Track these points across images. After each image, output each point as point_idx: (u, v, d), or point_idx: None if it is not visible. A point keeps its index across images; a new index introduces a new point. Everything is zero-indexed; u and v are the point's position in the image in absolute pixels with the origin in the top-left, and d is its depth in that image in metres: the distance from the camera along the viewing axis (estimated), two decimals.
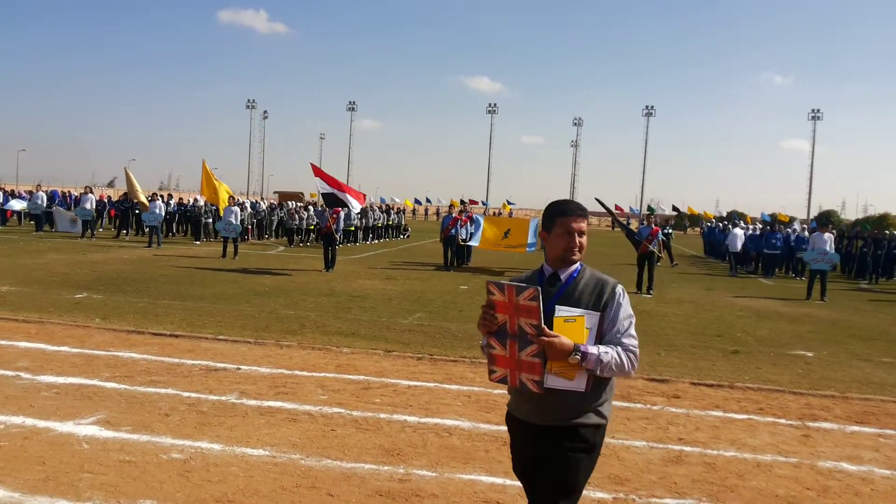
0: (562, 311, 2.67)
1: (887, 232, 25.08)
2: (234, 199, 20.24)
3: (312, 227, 27.33)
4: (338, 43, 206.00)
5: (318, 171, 16.93)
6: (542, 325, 2.58)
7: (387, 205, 41.86)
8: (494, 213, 54.09)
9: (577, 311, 2.68)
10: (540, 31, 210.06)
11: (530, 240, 19.86)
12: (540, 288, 2.59)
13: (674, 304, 13.95)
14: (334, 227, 17.33)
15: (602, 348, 2.64)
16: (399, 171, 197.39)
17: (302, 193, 59.32)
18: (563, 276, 2.81)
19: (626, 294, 2.78)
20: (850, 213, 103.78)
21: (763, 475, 4.83)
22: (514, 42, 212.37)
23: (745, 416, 6.20)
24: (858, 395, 7.18)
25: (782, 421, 6.14)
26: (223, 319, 9.76)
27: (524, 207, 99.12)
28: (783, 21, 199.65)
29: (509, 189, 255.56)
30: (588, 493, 4.35)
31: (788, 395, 7.02)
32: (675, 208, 44.18)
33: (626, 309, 2.76)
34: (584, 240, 2.81)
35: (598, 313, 2.70)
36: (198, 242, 25.26)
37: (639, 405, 6.40)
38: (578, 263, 2.84)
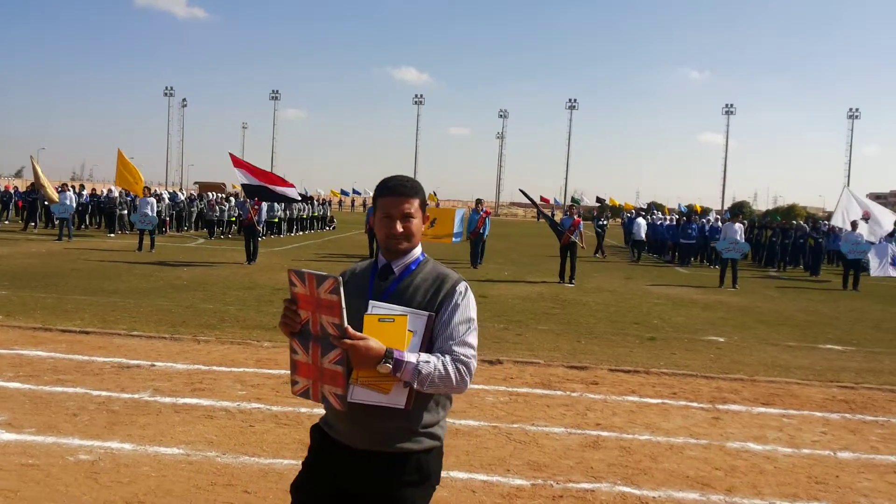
0: (377, 309, 2.20)
1: (794, 222, 26.40)
2: (148, 189, 19.50)
3: (233, 218, 26.70)
4: (260, 30, 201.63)
5: (237, 162, 16.51)
6: (346, 325, 2.11)
7: (309, 195, 41.22)
8: None
9: (397, 310, 2.21)
10: (465, 22, 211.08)
11: (456, 230, 19.95)
12: (341, 279, 2.11)
13: (594, 292, 14.29)
14: (256, 218, 16.97)
15: (424, 357, 2.16)
16: (326, 161, 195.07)
17: (224, 184, 57.95)
18: (396, 269, 2.35)
19: (469, 293, 2.32)
20: (762, 204, 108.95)
21: (675, 457, 5.00)
22: (440, 33, 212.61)
23: (659, 401, 6.41)
24: (765, 377, 7.52)
25: (694, 404, 6.37)
26: (137, 315, 9.41)
27: (452, 199, 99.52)
28: (700, 17, 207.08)
29: (437, 180, 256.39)
30: (507, 480, 4.41)
31: (700, 380, 7.29)
32: (598, 199, 45.26)
33: (465, 311, 2.28)
34: (411, 225, 2.33)
35: (429, 314, 2.24)
36: (112, 235, 24.30)
37: (559, 392, 6.53)
38: (420, 254, 2.39)
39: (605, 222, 25.47)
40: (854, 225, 18.32)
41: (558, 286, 15.09)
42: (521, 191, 20.31)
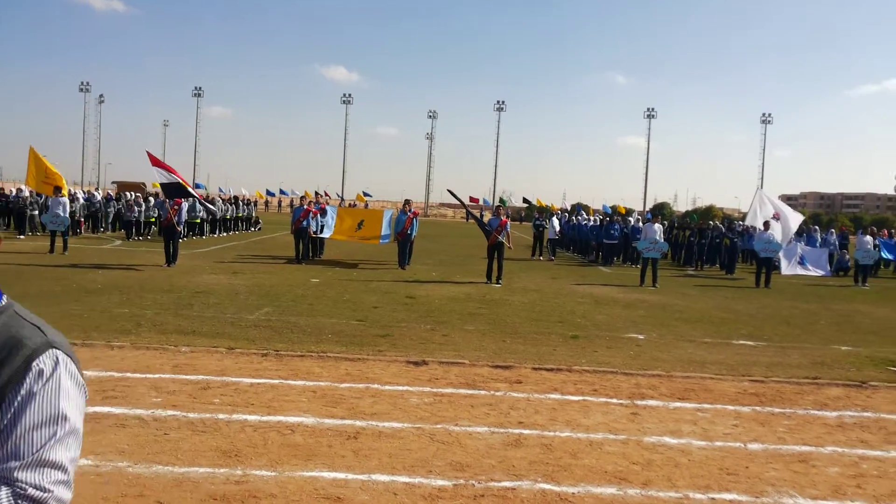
0: None
1: (711, 223, 27.39)
2: (59, 189, 18.63)
3: (153, 219, 25.81)
4: (183, 24, 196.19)
5: (155, 161, 16.00)
6: None
7: (234, 196, 40.27)
8: (350, 205, 53.69)
9: None
10: (395, 21, 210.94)
11: (384, 231, 19.83)
12: None
13: (520, 292, 14.47)
14: (176, 218, 16.44)
15: None
16: (251, 161, 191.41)
17: (143, 184, 56.06)
18: None
19: (59, 373, 1.41)
20: (682, 205, 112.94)
21: (594, 453, 5.09)
22: (369, 31, 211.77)
23: (580, 398, 6.53)
24: (682, 373, 7.77)
25: (614, 400, 6.51)
26: (47, 320, 8.80)
27: (381, 199, 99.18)
28: (626, 24, 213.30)
29: (366, 181, 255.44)
30: (429, 481, 4.40)
31: (620, 376, 7.47)
32: (525, 200, 45.75)
33: (46, 405, 1.36)
34: None
35: None
36: (22, 236, 23.11)
37: (483, 392, 6.56)
38: None
39: (542, 223, 25.79)
40: (766, 225, 19.15)
41: (485, 286, 15.21)
42: (449, 191, 20.40)
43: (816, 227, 29.23)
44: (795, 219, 21.76)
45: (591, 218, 29.93)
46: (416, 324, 10.02)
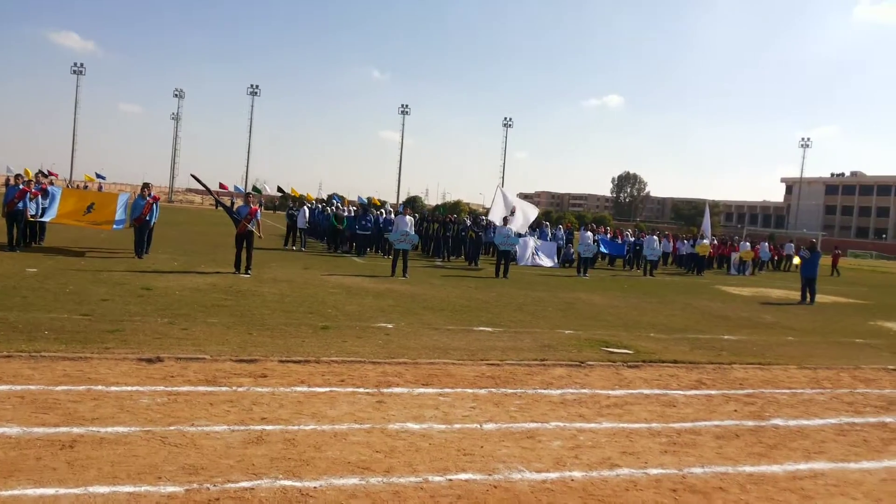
0: None
1: (455, 216, 28.95)
2: None
3: None
4: None
5: None
6: None
7: None
8: (78, 187, 48.43)
9: None
10: None
11: (118, 216, 18.08)
12: None
13: (270, 283, 14.03)
14: None
15: None
16: None
17: None
18: None
19: None
20: (433, 199, 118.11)
21: (339, 444, 5.04)
22: None
23: (327, 389, 6.45)
24: (426, 360, 8.03)
25: (360, 390, 6.53)
26: None
27: (119, 182, 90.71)
28: (382, 19, 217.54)
29: (102, 161, 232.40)
30: (158, 488, 4.03)
31: (368, 365, 7.52)
32: (279, 189, 44.58)
33: None
34: None
35: None
36: None
37: (224, 388, 6.20)
38: None
39: (295, 212, 25.20)
40: (506, 220, 20.64)
41: (233, 276, 14.52)
42: (192, 176, 19.16)
43: (547, 223, 32.29)
44: (533, 211, 23.84)
45: (346, 208, 30.04)
46: (152, 317, 9.24)
